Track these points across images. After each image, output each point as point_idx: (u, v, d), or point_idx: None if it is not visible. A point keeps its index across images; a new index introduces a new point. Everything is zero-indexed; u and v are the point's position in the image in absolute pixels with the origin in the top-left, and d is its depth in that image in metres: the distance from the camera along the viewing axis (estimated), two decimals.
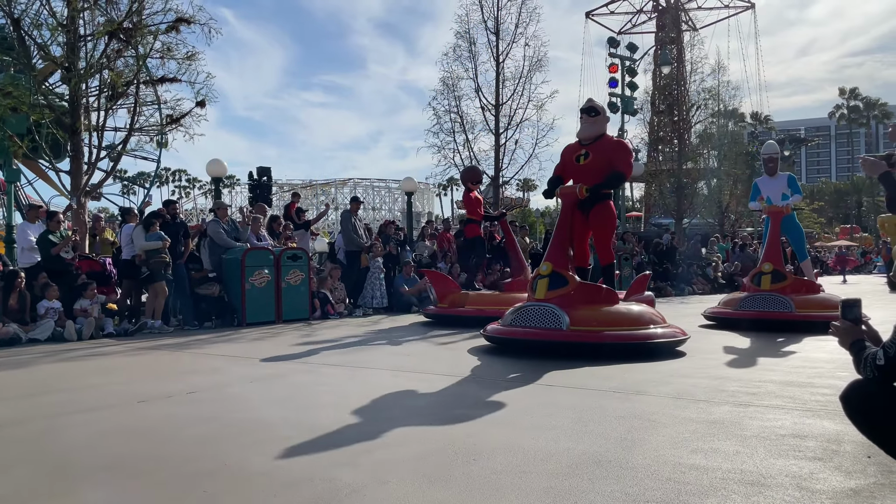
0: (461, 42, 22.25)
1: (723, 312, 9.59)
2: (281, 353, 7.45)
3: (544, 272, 6.92)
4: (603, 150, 7.25)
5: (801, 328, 8.54)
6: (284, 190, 45.52)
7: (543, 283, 6.88)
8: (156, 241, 9.97)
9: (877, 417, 2.51)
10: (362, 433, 3.70)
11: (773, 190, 10.00)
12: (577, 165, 7.32)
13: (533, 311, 6.78)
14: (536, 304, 6.80)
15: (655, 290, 18.20)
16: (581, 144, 7.40)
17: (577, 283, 6.90)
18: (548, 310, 6.64)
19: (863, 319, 2.75)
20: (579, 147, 7.41)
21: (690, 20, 42.84)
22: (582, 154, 7.27)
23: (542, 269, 7.00)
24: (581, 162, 7.25)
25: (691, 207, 31.51)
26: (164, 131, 15.52)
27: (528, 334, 6.66)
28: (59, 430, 3.99)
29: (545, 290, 6.81)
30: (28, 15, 13.84)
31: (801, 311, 8.83)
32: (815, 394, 4.63)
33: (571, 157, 7.41)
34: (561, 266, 6.95)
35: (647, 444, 3.39)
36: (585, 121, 7.35)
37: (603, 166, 7.18)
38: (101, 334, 9.32)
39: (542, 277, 6.94)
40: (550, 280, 6.85)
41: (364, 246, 13.32)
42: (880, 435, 2.54)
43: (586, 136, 7.33)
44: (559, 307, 6.61)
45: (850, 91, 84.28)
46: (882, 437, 2.55)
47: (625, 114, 26.91)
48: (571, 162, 7.40)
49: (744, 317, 9.20)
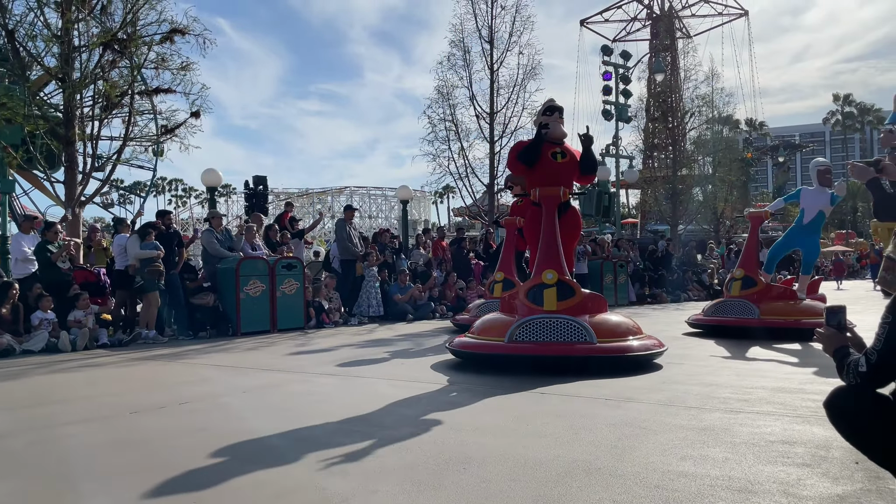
0: (455, 51, 22.36)
1: (701, 319, 9.62)
2: (275, 362, 7.45)
3: (550, 281, 6.45)
4: (570, 150, 7.20)
5: (768, 334, 8.52)
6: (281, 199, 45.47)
7: (551, 293, 6.42)
8: (151, 250, 9.98)
9: (860, 424, 2.52)
10: (354, 442, 3.71)
11: (816, 203, 9.42)
12: (556, 162, 7.05)
13: (549, 324, 6.22)
14: (551, 317, 6.26)
15: (651, 296, 18.34)
16: (552, 143, 7.13)
17: (582, 293, 6.55)
18: (568, 323, 6.17)
19: (847, 326, 2.77)
20: (548, 143, 7.10)
21: (684, 27, 43.16)
22: (558, 152, 7.06)
23: (546, 277, 6.48)
24: (559, 160, 7.05)
25: (686, 214, 31.62)
26: (159, 141, 15.54)
27: (550, 350, 6.10)
28: (51, 441, 3.99)
29: (555, 301, 6.37)
30: (22, 26, 13.88)
31: (765, 318, 8.80)
32: (805, 400, 4.65)
33: (545, 154, 7.07)
34: (563, 274, 6.54)
35: (637, 452, 3.41)
36: (558, 120, 7.16)
37: (576, 164, 7.12)
38: (95, 345, 9.31)
39: (547, 287, 6.46)
40: (558, 289, 6.43)
41: (359, 254, 13.34)
42: (864, 441, 2.56)
43: (563, 136, 7.16)
44: (579, 319, 6.20)
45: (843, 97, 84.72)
46: (866, 443, 2.56)
47: (619, 121, 27.00)
48: (547, 157, 7.06)
49: (711, 323, 9.22)
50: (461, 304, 14.33)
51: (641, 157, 36.85)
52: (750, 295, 9.08)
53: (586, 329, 6.11)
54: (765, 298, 9.04)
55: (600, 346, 6.04)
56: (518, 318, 6.44)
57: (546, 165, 7.01)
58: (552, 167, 7.00)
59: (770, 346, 7.99)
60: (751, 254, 9.49)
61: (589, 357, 6.02)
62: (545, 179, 6.94)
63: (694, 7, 47.16)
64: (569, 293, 6.43)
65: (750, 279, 9.17)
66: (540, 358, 6.12)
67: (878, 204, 4.03)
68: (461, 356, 6.74)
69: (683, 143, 34.48)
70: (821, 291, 10.08)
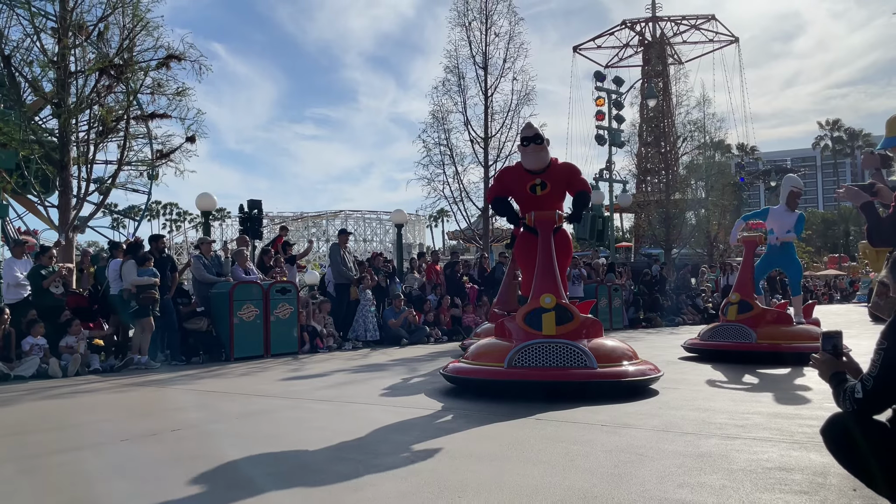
0: (450, 76, 22.61)
1: (696, 344, 9.58)
2: (268, 388, 7.39)
3: (548, 305, 6.33)
4: (557, 176, 6.82)
5: (764, 359, 8.51)
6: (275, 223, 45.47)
7: (550, 317, 6.29)
8: (149, 276, 9.92)
9: (857, 451, 2.51)
10: (348, 470, 3.67)
11: (783, 223, 9.61)
12: (534, 196, 6.78)
13: (549, 349, 6.11)
14: (551, 342, 6.15)
15: (645, 320, 18.33)
16: (531, 173, 6.83)
17: (581, 317, 6.43)
18: (568, 347, 6.09)
19: (843, 351, 2.76)
20: (527, 175, 6.83)
21: (676, 54, 43.72)
22: (537, 184, 6.75)
23: (544, 301, 6.37)
24: (539, 193, 6.76)
25: (680, 237, 31.75)
26: (154, 166, 15.55)
27: (550, 375, 5.99)
28: (41, 469, 3.93)
29: (554, 325, 6.25)
30: (19, 52, 13.95)
31: (763, 342, 8.77)
32: (802, 425, 4.63)
33: (522, 185, 6.83)
34: (561, 298, 6.43)
35: (634, 479, 3.38)
36: (533, 150, 6.70)
37: (561, 194, 6.89)
38: (86, 371, 9.23)
39: (546, 311, 6.33)
40: (556, 314, 6.30)
41: (353, 278, 13.31)
42: (860, 468, 2.54)
43: (539, 166, 6.77)
44: (579, 344, 6.12)
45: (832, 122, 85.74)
46: (862, 470, 2.55)
47: (612, 146, 27.20)
48: (525, 191, 6.84)
49: (708, 348, 9.18)
50: (457, 328, 14.31)
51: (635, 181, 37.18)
52: (747, 319, 9.05)
53: (586, 354, 6.04)
54: (761, 323, 9.02)
55: (599, 372, 5.98)
56: (517, 343, 6.30)
57: (524, 201, 6.90)
58: (530, 200, 6.83)
59: (766, 370, 7.97)
60: (746, 278, 9.47)
61: (588, 382, 5.95)
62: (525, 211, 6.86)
63: (685, 34, 47.81)
64: (567, 317, 6.34)
65: (746, 303, 9.15)
66: (540, 384, 6.03)
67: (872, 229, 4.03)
68: (457, 382, 6.62)
69: (676, 168, 34.79)
70: (815, 315, 10.08)
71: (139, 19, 13.97)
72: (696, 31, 47.93)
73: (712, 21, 47.48)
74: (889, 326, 2.46)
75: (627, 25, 47.20)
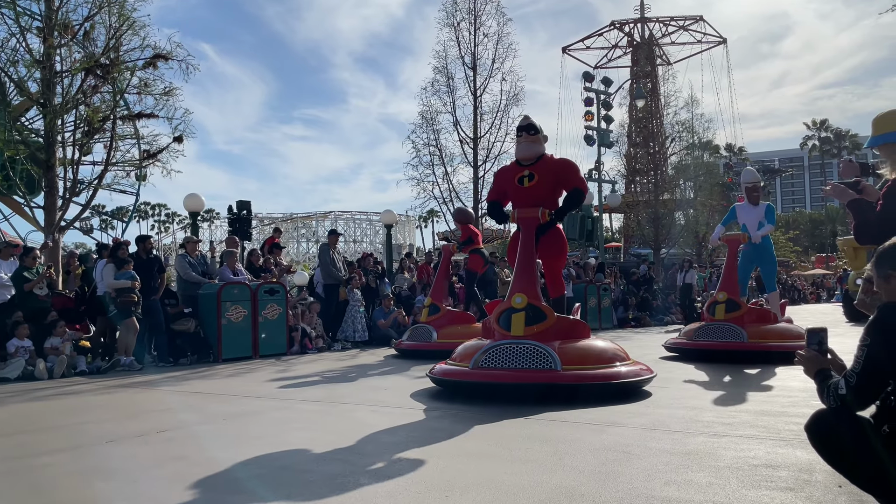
0: (439, 77, 22.61)
1: (680, 343, 9.54)
2: (256, 389, 7.36)
3: (519, 305, 6.15)
4: (548, 169, 6.64)
5: (754, 358, 8.51)
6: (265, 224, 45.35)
7: (519, 317, 6.11)
8: (126, 280, 9.81)
9: (841, 447, 2.52)
10: (335, 470, 3.65)
11: (750, 218, 9.63)
12: (521, 188, 6.65)
13: (513, 350, 5.94)
14: (516, 343, 5.98)
15: (634, 320, 18.38)
16: (521, 165, 6.75)
17: (556, 317, 6.23)
18: (533, 349, 5.87)
19: (828, 348, 2.77)
20: (519, 168, 6.76)
21: (664, 55, 43.89)
22: (525, 175, 6.62)
23: (515, 301, 6.19)
24: (526, 184, 6.61)
25: (669, 238, 31.87)
26: (141, 166, 15.46)
27: (514, 377, 5.82)
28: (26, 471, 3.89)
29: (522, 326, 6.08)
30: (4, 52, 13.83)
31: (753, 341, 8.75)
32: (788, 423, 4.66)
33: (512, 179, 6.74)
34: (535, 297, 6.23)
35: (621, 477, 3.38)
36: (525, 139, 6.67)
37: (551, 187, 6.66)
38: (73, 372, 9.15)
39: (515, 311, 6.16)
40: (527, 314, 6.12)
41: (342, 279, 13.28)
42: (845, 465, 2.55)
43: (528, 155, 6.68)
44: (546, 345, 5.90)
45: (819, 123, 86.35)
46: (846, 466, 2.56)
47: (601, 146, 27.27)
48: (513, 184, 6.73)
49: (697, 347, 9.12)
50: None
51: (624, 181, 37.27)
52: (736, 318, 9.00)
53: (552, 356, 5.81)
54: (750, 321, 9.02)
55: (562, 374, 5.75)
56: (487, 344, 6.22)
57: (513, 193, 6.81)
58: (517, 192, 6.73)
59: (753, 369, 8.00)
60: (731, 277, 9.47)
61: (552, 385, 5.75)
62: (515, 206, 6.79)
63: (673, 35, 47.97)
64: (539, 318, 6.13)
65: (733, 302, 9.12)
66: (503, 385, 5.88)
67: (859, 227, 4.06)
68: (437, 383, 6.56)
69: (665, 168, 34.89)
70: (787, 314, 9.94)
71: (125, 19, 13.90)
72: (685, 32, 48.12)
73: (700, 22, 47.70)
74: (871, 323, 2.47)
75: (616, 26, 47.33)
